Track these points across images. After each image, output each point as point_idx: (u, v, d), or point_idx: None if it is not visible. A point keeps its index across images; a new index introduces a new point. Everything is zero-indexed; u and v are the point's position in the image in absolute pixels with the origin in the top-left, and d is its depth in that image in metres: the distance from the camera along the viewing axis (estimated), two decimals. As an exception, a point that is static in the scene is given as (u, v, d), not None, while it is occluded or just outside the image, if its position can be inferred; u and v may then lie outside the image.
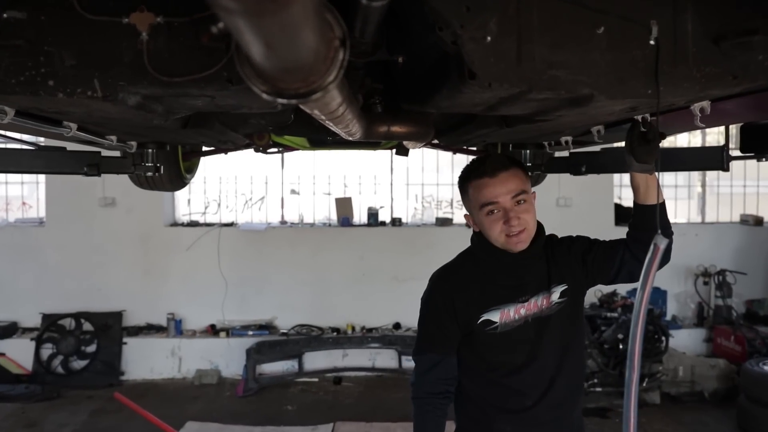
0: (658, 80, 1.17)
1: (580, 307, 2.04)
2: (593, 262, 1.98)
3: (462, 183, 1.92)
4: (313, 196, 7.35)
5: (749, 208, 7.93)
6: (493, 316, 1.90)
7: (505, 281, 1.92)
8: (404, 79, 1.81)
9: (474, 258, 1.97)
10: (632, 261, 1.94)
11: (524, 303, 1.91)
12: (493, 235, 1.84)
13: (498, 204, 1.81)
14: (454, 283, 1.94)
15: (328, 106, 1.01)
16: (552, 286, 1.93)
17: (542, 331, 1.92)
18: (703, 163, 2.59)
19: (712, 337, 7.02)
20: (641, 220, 1.90)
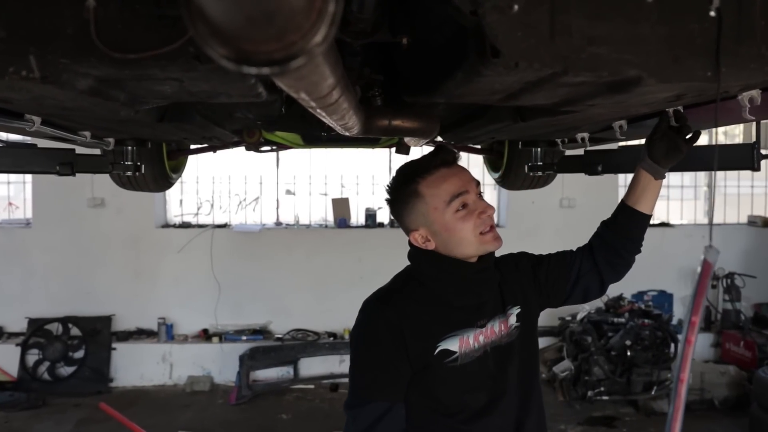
0: (719, 59, 0.96)
1: (535, 334, 1.75)
2: (547, 279, 1.72)
3: (404, 187, 1.55)
4: (309, 197, 7.15)
5: (757, 209, 7.75)
6: (451, 345, 1.53)
7: (462, 301, 1.58)
8: (409, 65, 1.59)
9: (420, 278, 1.59)
10: (590, 274, 1.72)
11: (482, 329, 1.58)
12: (468, 235, 1.52)
13: (469, 195, 1.53)
14: (400, 308, 1.53)
15: (317, 87, 0.80)
16: (507, 308, 1.64)
17: (503, 363, 1.59)
18: (730, 162, 2.37)
19: (720, 342, 6.83)
20: (624, 225, 1.71)
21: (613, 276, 1.75)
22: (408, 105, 2.02)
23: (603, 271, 1.72)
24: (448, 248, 1.55)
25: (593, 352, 5.72)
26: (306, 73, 0.66)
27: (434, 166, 1.53)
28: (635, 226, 1.71)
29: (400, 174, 1.59)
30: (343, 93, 1.06)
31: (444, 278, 1.57)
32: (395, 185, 1.59)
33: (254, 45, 0.51)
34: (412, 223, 1.57)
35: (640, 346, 5.65)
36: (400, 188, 1.57)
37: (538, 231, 6.83)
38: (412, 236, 1.57)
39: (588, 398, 5.70)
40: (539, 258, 1.77)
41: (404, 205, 1.57)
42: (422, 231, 1.55)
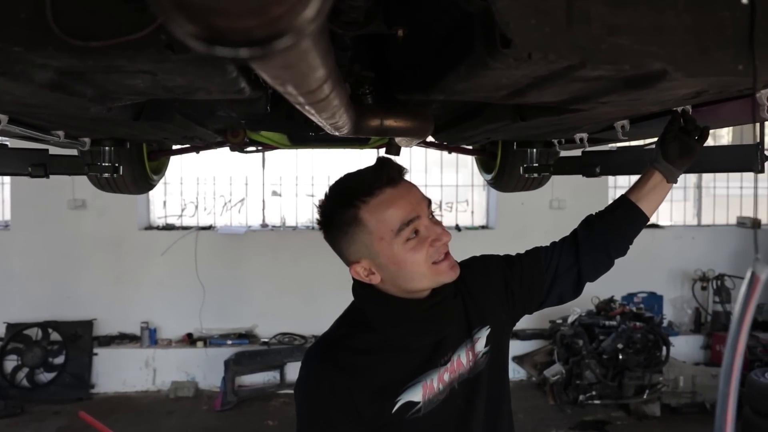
0: (753, 51, 0.86)
1: (506, 354, 1.51)
2: (521, 286, 1.50)
3: (342, 211, 1.27)
4: (296, 198, 7.03)
5: (746, 210, 7.73)
6: (413, 395, 1.30)
7: (420, 341, 1.34)
8: (403, 60, 1.49)
9: (366, 322, 1.34)
10: (568, 273, 1.52)
11: (447, 365, 1.35)
12: (418, 268, 1.27)
13: (420, 220, 1.27)
14: (347, 365, 1.28)
15: (306, 79, 0.69)
16: (474, 331, 1.41)
17: (472, 397, 1.38)
18: (733, 164, 2.29)
19: (710, 344, 6.79)
20: (621, 219, 1.56)
21: (592, 277, 1.57)
22: (400, 103, 1.92)
23: (583, 269, 1.53)
24: (397, 283, 1.30)
25: (585, 356, 5.65)
26: (293, 59, 0.55)
27: (378, 186, 1.25)
28: (631, 224, 1.57)
29: (335, 194, 1.30)
30: (335, 88, 0.95)
31: (393, 321, 1.32)
32: (330, 208, 1.30)
33: (230, 20, 0.40)
34: (353, 255, 1.29)
35: (631, 349, 5.58)
36: (336, 212, 1.28)
37: (527, 232, 6.76)
38: (353, 269, 1.30)
39: (579, 402, 5.63)
40: (510, 261, 1.53)
41: (342, 233, 1.28)
42: (365, 263, 1.28)
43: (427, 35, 1.17)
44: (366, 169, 1.31)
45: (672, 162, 1.57)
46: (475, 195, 7.32)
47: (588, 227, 1.58)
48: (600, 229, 1.56)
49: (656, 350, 5.65)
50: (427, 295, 1.33)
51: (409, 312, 1.32)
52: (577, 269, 1.53)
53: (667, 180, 1.59)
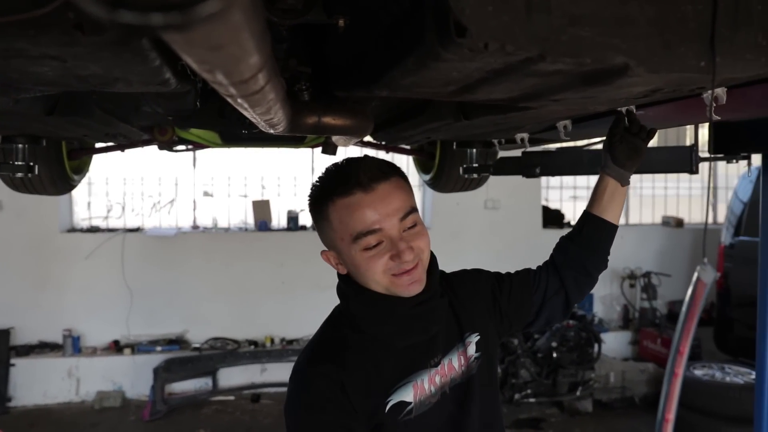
0: (714, 47, 0.82)
1: (496, 366, 1.49)
2: (509, 303, 1.49)
3: (317, 203, 1.28)
4: (228, 199, 6.83)
5: (670, 209, 8.01)
6: (404, 395, 1.27)
7: (408, 340, 1.31)
8: (344, 53, 1.40)
9: (352, 322, 1.31)
10: (557, 296, 1.52)
11: (437, 367, 1.33)
12: (374, 276, 1.25)
13: (382, 232, 1.23)
14: (337, 361, 1.25)
15: (238, 66, 0.60)
16: (465, 335, 1.40)
17: (466, 404, 1.34)
18: (669, 165, 2.31)
19: (638, 340, 6.99)
20: (591, 237, 1.55)
21: (579, 297, 1.57)
22: (339, 101, 1.83)
23: (570, 291, 1.53)
24: (358, 280, 1.30)
25: (520, 355, 5.70)
26: (223, 37, 0.46)
27: (348, 188, 1.22)
28: (603, 238, 1.56)
29: (318, 184, 1.30)
30: (271, 80, 0.86)
31: (379, 319, 1.29)
32: (313, 195, 1.32)
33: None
34: (324, 243, 1.34)
35: (565, 347, 5.67)
36: (315, 200, 1.30)
37: (462, 232, 6.80)
38: (324, 255, 1.32)
39: (515, 401, 5.68)
40: (499, 278, 1.53)
41: (317, 222, 1.32)
42: (333, 254, 1.31)
43: (372, 25, 1.09)
44: (348, 165, 1.28)
45: (622, 165, 1.55)
46: (411, 195, 7.27)
47: (562, 252, 1.58)
48: (574, 251, 1.56)
49: (588, 347, 5.77)
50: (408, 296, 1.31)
51: (393, 310, 1.29)
52: (564, 293, 1.53)
53: (621, 184, 1.57)
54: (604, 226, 1.56)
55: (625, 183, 1.57)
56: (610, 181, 1.56)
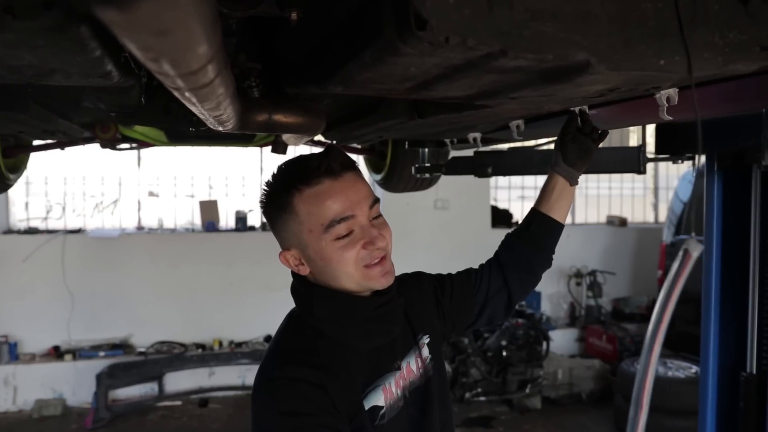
0: (686, 40, 0.82)
1: (445, 367, 1.46)
2: (451, 304, 1.47)
3: (278, 196, 1.20)
4: (175, 199, 6.67)
5: (614, 209, 8.21)
6: (377, 400, 1.22)
7: (371, 343, 1.26)
8: (297, 47, 1.35)
9: (314, 325, 1.24)
10: (499, 295, 1.51)
11: (401, 370, 1.29)
12: (346, 269, 1.19)
13: (354, 219, 1.19)
14: (315, 366, 1.17)
15: (186, 55, 0.56)
16: (418, 338, 1.36)
17: (427, 408, 1.31)
18: (617, 165, 2.35)
19: (584, 337, 7.13)
20: (538, 234, 1.56)
21: (522, 295, 1.57)
22: (290, 98, 1.79)
23: (513, 290, 1.53)
24: (324, 279, 1.23)
25: (470, 354, 5.74)
26: (169, 21, 0.42)
27: (315, 176, 1.17)
28: (549, 236, 1.57)
29: (277, 176, 1.23)
30: (220, 72, 0.82)
31: (342, 321, 1.24)
32: (271, 188, 1.23)
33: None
34: (284, 241, 1.24)
35: (515, 345, 5.74)
36: (274, 195, 1.22)
37: (413, 233, 6.79)
38: (282, 256, 1.24)
39: (465, 400, 5.71)
40: (440, 280, 1.50)
41: (277, 217, 1.22)
42: (294, 252, 1.22)
43: (326, 18, 1.05)
44: (311, 156, 1.22)
45: (572, 164, 1.57)
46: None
47: (508, 249, 1.57)
48: (520, 248, 1.56)
49: (537, 345, 5.85)
50: (369, 296, 1.26)
51: (356, 311, 1.24)
52: (507, 291, 1.53)
53: (570, 183, 1.58)
54: (551, 224, 1.57)
55: (573, 182, 1.58)
56: (560, 179, 1.57)
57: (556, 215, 1.56)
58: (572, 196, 1.61)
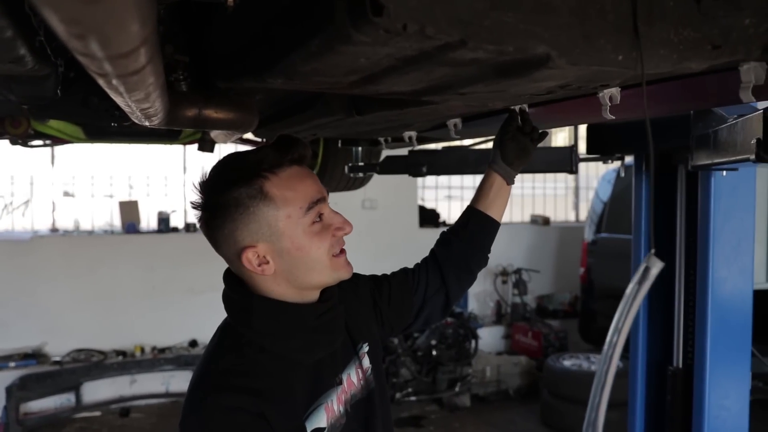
0: (639, 36, 0.80)
1: (384, 376, 1.39)
2: (390, 307, 1.42)
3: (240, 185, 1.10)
4: (92, 199, 6.37)
5: (537, 208, 8.41)
6: (319, 421, 1.14)
7: (313, 356, 1.18)
8: (232, 37, 1.27)
9: (254, 340, 1.14)
10: (437, 295, 1.47)
11: (342, 384, 1.22)
12: (321, 256, 1.15)
13: (325, 203, 1.17)
14: (253, 392, 1.07)
15: (117, 33, 0.48)
16: (358, 348, 1.30)
17: (371, 422, 1.26)
18: (550, 165, 2.37)
19: (510, 334, 7.26)
20: (476, 233, 1.53)
21: (459, 294, 1.54)
22: (220, 92, 1.70)
23: (451, 290, 1.49)
24: (294, 274, 1.15)
25: (400, 354, 5.73)
26: None
27: (285, 162, 1.12)
28: (487, 235, 1.55)
29: (231, 169, 1.13)
30: (152, 59, 0.74)
31: (285, 332, 1.15)
32: (221, 184, 1.12)
33: None
34: (248, 238, 1.11)
35: (444, 344, 5.77)
36: (230, 188, 1.10)
37: (342, 233, 6.73)
38: (245, 256, 1.11)
39: (396, 400, 5.70)
40: (377, 282, 1.44)
41: (237, 213, 1.10)
42: (262, 248, 1.11)
43: (267, 3, 0.98)
44: (266, 147, 1.16)
45: (510, 163, 1.56)
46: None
47: (445, 247, 1.54)
48: (458, 246, 1.53)
49: (466, 344, 5.90)
50: (315, 299, 1.20)
51: (300, 320, 1.16)
52: (444, 291, 1.49)
53: (507, 182, 1.58)
54: (488, 223, 1.55)
55: (510, 182, 1.58)
56: (497, 177, 1.56)
57: (492, 213, 1.55)
58: (508, 194, 1.60)
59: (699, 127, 1.81)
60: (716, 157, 1.62)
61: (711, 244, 2.10)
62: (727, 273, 2.13)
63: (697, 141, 1.79)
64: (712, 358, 2.15)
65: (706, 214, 2.11)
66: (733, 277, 2.13)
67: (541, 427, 5.48)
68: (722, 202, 2.09)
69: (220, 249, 1.16)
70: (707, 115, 1.78)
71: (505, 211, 1.60)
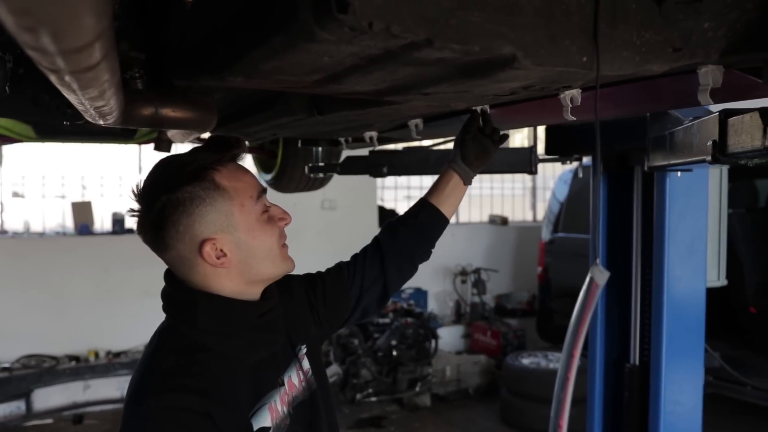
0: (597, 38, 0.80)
1: (326, 376, 1.38)
2: (326, 305, 1.40)
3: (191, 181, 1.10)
4: (43, 200, 6.18)
5: (495, 208, 8.50)
6: (263, 420, 1.13)
7: (257, 355, 1.18)
8: (191, 33, 1.24)
9: (198, 341, 1.12)
10: (375, 286, 1.45)
11: (285, 385, 1.21)
12: (274, 245, 1.17)
13: (265, 196, 1.21)
14: (198, 391, 1.06)
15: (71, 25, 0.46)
16: (297, 349, 1.29)
17: (315, 424, 1.25)
18: (510, 166, 2.39)
19: (470, 333, 7.31)
20: (425, 224, 1.52)
21: (398, 285, 1.51)
22: (178, 91, 1.65)
23: (389, 280, 1.46)
24: (249, 265, 1.15)
25: (360, 355, 5.71)
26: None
27: (226, 159, 1.14)
28: (435, 228, 1.54)
29: (179, 166, 1.12)
30: (108, 54, 0.71)
31: (229, 331, 1.14)
32: (172, 182, 1.10)
33: None
34: (206, 230, 1.10)
35: (404, 344, 5.78)
36: (183, 185, 1.09)
37: (300, 233, 6.67)
38: (204, 250, 1.10)
39: (356, 401, 5.68)
40: (312, 281, 1.42)
41: (191, 206, 1.09)
42: (220, 240, 1.11)
43: (227, 0, 0.96)
44: (203, 146, 1.17)
45: (469, 164, 1.57)
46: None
47: (391, 235, 1.52)
48: (404, 235, 1.51)
49: (426, 343, 5.92)
50: (257, 298, 1.20)
51: (245, 318, 1.16)
52: (383, 280, 1.47)
53: (464, 182, 1.59)
54: (439, 217, 1.55)
55: (467, 182, 1.59)
56: (455, 176, 1.56)
57: (444, 210, 1.54)
58: (463, 194, 1.60)
59: (655, 128, 1.84)
60: (672, 158, 1.65)
61: (666, 243, 2.14)
62: (682, 272, 2.18)
63: (654, 142, 1.83)
64: (667, 355, 2.19)
65: (661, 214, 2.15)
66: (688, 275, 2.18)
67: (500, 425, 5.53)
68: (677, 202, 2.14)
69: (172, 249, 1.13)
70: (663, 117, 1.81)
71: (456, 209, 1.60)
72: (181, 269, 1.16)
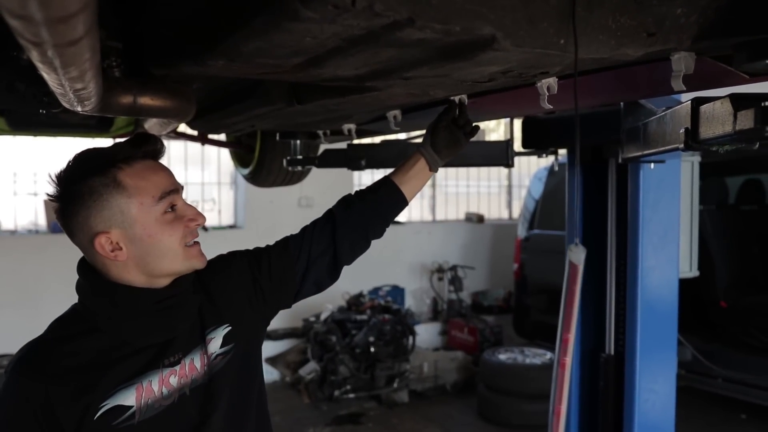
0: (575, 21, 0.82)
1: (257, 354, 1.41)
2: (270, 281, 1.41)
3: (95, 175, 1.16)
4: (15, 197, 6.07)
5: (472, 206, 8.55)
6: (124, 399, 1.17)
7: (148, 340, 1.22)
8: (169, 19, 1.23)
9: (90, 320, 1.21)
10: (323, 257, 1.44)
11: (174, 367, 1.24)
12: (173, 245, 1.21)
13: (177, 194, 1.23)
14: (53, 366, 1.15)
15: None
16: (207, 332, 1.30)
17: (208, 407, 1.26)
18: (487, 159, 2.42)
19: (447, 330, 7.35)
20: (383, 201, 1.53)
21: (349, 259, 1.50)
22: (156, 79, 1.65)
23: (340, 251, 1.45)
24: (146, 261, 1.20)
25: (338, 352, 5.72)
26: None
27: (138, 155, 1.20)
28: (393, 207, 1.54)
29: (86, 160, 1.19)
30: (90, 30, 0.71)
31: (123, 315, 1.21)
32: (76, 174, 1.17)
33: None
34: (101, 224, 1.17)
35: (382, 341, 5.79)
36: (85, 178, 1.16)
37: (276, 231, 6.58)
38: (97, 242, 1.16)
39: (334, 398, 5.68)
40: (257, 256, 1.43)
41: (91, 200, 1.16)
42: (115, 234, 1.17)
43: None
44: (122, 141, 1.23)
45: (438, 152, 1.59)
46: (222, 193, 7.04)
47: (347, 207, 1.51)
48: (360, 209, 1.51)
49: (404, 340, 5.94)
50: (166, 285, 1.24)
51: (140, 304, 1.22)
52: (332, 251, 1.46)
53: (430, 168, 1.60)
54: (398, 196, 1.55)
55: (434, 168, 1.59)
56: (422, 160, 1.58)
57: (406, 190, 1.55)
58: (427, 179, 1.61)
59: (629, 120, 1.88)
60: (646, 149, 1.68)
61: (640, 234, 2.18)
62: (655, 262, 2.23)
63: (628, 134, 1.86)
64: (641, 345, 2.24)
65: (635, 206, 2.19)
66: (661, 265, 2.23)
67: (478, 420, 5.57)
68: (650, 193, 2.18)
69: (75, 237, 1.22)
70: (637, 109, 1.85)
71: (417, 193, 1.60)
72: (88, 257, 1.24)
